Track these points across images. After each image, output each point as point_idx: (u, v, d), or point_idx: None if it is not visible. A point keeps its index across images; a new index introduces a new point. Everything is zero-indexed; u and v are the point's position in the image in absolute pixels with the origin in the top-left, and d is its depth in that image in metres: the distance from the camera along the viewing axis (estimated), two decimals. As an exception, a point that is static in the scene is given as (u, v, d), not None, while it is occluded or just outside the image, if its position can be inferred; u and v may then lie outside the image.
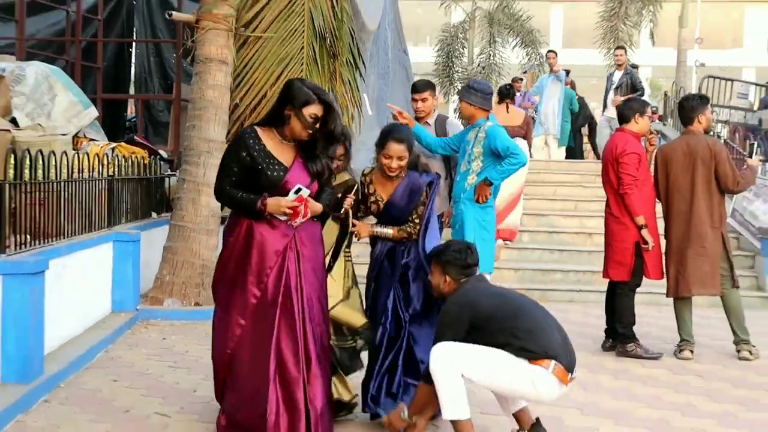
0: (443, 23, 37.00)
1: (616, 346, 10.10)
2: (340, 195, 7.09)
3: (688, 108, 10.24)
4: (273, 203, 5.98)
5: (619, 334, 10.09)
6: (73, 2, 17.72)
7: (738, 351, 10.02)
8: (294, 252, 6.26)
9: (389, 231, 7.51)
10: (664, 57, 37.38)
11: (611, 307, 10.21)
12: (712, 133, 10.97)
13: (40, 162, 8.89)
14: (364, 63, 14.17)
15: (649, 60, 42.86)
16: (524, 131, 16.57)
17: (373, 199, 7.46)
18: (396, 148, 7.20)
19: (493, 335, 6.39)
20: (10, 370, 7.58)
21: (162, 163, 15.14)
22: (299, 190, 5.77)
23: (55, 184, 9.40)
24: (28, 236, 8.61)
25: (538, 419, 6.90)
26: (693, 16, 32.49)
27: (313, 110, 6.08)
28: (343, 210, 7.15)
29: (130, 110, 19.35)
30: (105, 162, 11.50)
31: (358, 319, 7.39)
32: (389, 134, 7.33)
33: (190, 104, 12.75)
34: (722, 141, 11.33)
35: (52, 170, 9.29)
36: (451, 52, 35.76)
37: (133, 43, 19.34)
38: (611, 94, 20.45)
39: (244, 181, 6.16)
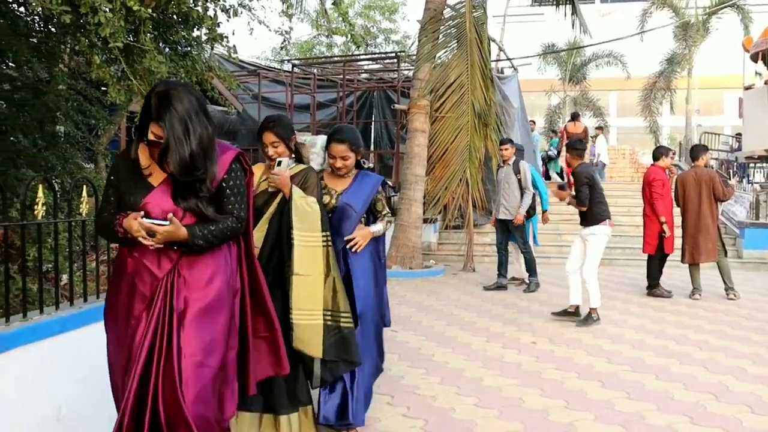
0: (547, 104, 36.27)
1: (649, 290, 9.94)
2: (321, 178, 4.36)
3: (695, 151, 9.99)
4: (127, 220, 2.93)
5: (651, 283, 9.90)
6: (339, 102, 18.08)
7: (727, 294, 9.60)
8: (167, 298, 2.97)
9: (380, 226, 4.50)
10: (678, 121, 35.85)
11: (649, 267, 9.90)
12: (709, 166, 10.51)
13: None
14: (505, 127, 14.03)
15: (669, 123, 41.33)
16: (583, 136, 16.66)
17: (325, 191, 4.41)
18: (337, 148, 4.37)
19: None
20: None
21: (389, 188, 15.25)
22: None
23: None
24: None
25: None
26: (694, 97, 31.13)
27: (155, 129, 2.88)
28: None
29: (372, 159, 19.54)
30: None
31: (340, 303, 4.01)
32: (332, 136, 4.48)
33: (405, 155, 12.81)
34: (715, 171, 10.89)
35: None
36: (552, 120, 35.01)
37: (372, 123, 19.55)
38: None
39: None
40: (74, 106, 7.70)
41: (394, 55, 19.03)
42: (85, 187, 4.31)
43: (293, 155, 4.17)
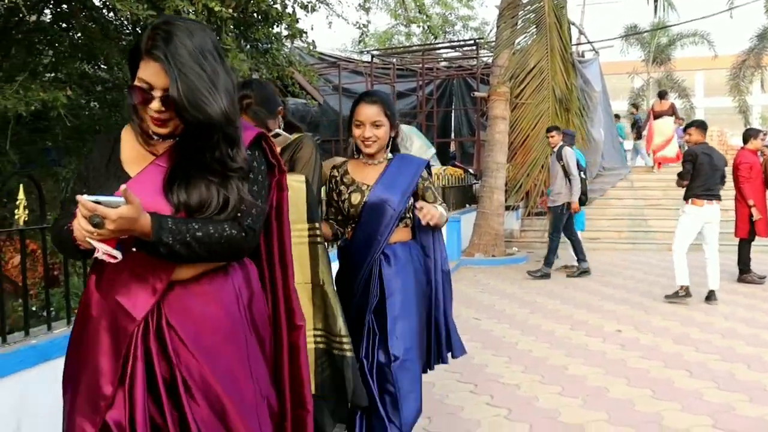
0: (630, 87, 35.39)
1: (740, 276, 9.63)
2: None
3: (789, 131, 9.57)
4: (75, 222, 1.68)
5: (742, 268, 9.60)
6: (419, 91, 18.09)
7: (826, 278, 9.22)
8: (147, 363, 1.79)
9: (442, 210, 3.25)
10: (770, 99, 34.61)
11: (741, 253, 9.62)
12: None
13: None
14: (587, 111, 13.76)
15: (759, 102, 39.77)
16: (671, 112, 16.33)
17: (354, 188, 3.23)
18: (367, 111, 3.14)
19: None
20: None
21: (470, 176, 15.19)
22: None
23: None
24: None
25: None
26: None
27: (143, 73, 1.75)
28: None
29: (452, 147, 19.50)
30: (440, 177, 11.47)
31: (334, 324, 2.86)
32: (360, 98, 3.24)
33: (485, 143, 12.73)
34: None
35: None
36: (636, 103, 34.28)
37: (453, 111, 19.46)
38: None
39: None
40: (162, 104, 7.94)
41: (472, 42, 18.88)
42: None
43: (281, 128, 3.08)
